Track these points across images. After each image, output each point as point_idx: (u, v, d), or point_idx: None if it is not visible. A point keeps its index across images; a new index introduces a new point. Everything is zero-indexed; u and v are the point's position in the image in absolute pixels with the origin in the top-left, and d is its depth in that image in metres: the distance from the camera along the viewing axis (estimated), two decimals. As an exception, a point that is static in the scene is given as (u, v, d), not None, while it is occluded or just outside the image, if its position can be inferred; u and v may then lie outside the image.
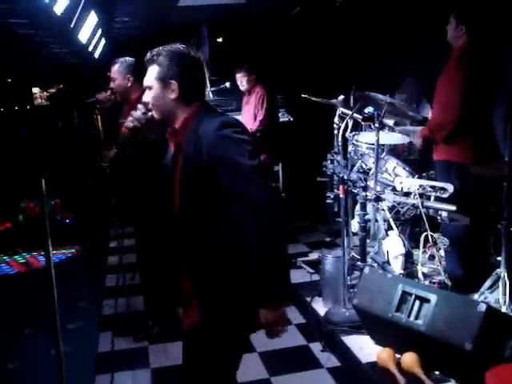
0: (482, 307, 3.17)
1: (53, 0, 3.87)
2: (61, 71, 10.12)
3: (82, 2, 4.90)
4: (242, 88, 6.47)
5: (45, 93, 11.27)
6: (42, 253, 2.72)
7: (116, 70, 4.30)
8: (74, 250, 6.50)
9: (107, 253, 6.34)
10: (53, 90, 11.29)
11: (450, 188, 3.98)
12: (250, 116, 6.30)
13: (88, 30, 6.33)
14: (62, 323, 2.80)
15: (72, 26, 5.15)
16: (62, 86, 11.13)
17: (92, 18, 6.07)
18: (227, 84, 7.16)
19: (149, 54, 2.38)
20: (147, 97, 2.41)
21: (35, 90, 10.98)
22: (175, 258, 2.54)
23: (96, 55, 8.39)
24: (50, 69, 8.84)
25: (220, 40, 8.81)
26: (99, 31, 7.25)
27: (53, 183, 5.94)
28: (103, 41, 8.28)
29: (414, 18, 6.11)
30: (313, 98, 5.35)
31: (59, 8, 4.13)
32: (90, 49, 7.51)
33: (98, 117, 4.60)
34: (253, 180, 2.19)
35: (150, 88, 2.39)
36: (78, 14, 5.04)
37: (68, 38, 5.99)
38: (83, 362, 4.04)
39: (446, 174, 4.36)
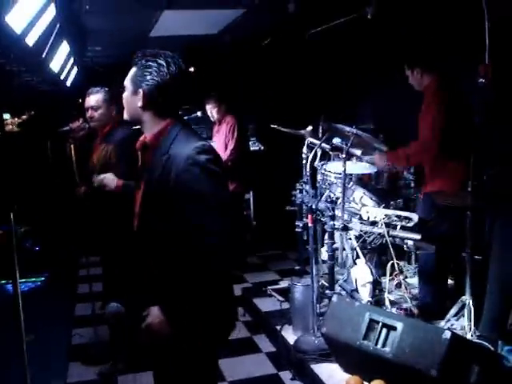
0: (447, 334, 3.24)
1: (25, 32, 3.90)
2: (32, 98, 10.09)
3: (54, 33, 4.93)
4: (212, 118, 6.54)
5: (16, 119, 11.19)
6: (10, 281, 2.72)
7: (100, 98, 4.19)
8: (42, 278, 6.44)
9: (77, 281, 6.30)
10: (24, 117, 11.23)
11: (415, 217, 4.08)
12: (220, 145, 6.36)
13: (60, 59, 6.34)
14: (30, 353, 2.79)
15: (44, 55, 5.17)
16: (32, 112, 11.08)
17: (64, 48, 6.09)
18: (198, 113, 7.24)
19: (138, 53, 2.37)
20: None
21: (6, 116, 10.91)
22: (139, 280, 2.48)
23: (68, 83, 8.40)
24: (21, 96, 8.80)
25: (191, 70, 8.88)
26: (71, 60, 7.27)
27: (22, 211, 5.93)
28: (75, 69, 8.30)
29: (384, 50, 6.27)
30: (282, 129, 5.44)
31: (31, 39, 4.15)
32: (62, 77, 7.51)
33: (71, 146, 4.55)
34: (214, 216, 2.17)
35: (125, 87, 2.40)
36: (49, 44, 5.06)
37: (40, 68, 6.00)
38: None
39: (427, 206, 4.48)
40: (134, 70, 2.36)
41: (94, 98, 4.20)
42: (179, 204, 2.19)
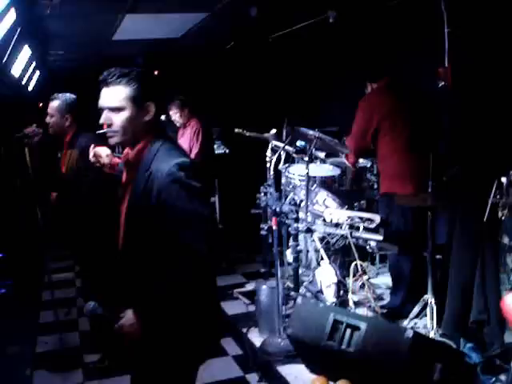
0: (410, 333, 3.29)
1: (-16, 37, 3.86)
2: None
3: (15, 37, 4.88)
4: (177, 124, 6.52)
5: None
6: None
7: (55, 106, 4.15)
8: (6, 286, 6.34)
9: (41, 288, 6.23)
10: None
11: (377, 218, 4.14)
12: (185, 149, 6.32)
13: (21, 64, 6.28)
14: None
15: (4, 61, 5.10)
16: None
17: (25, 52, 6.03)
18: (162, 117, 7.22)
19: (109, 74, 2.26)
20: (111, 119, 2.29)
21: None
22: (118, 284, 2.48)
23: (30, 88, 8.30)
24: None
25: (155, 73, 8.86)
26: (33, 64, 7.19)
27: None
28: (37, 73, 8.21)
29: (346, 53, 6.34)
30: (246, 134, 5.46)
31: (-10, 44, 4.12)
32: (24, 82, 7.43)
33: (26, 151, 4.47)
34: (195, 233, 2.15)
35: (118, 109, 2.27)
36: (10, 48, 5.01)
37: (0, 73, 5.92)
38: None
39: (388, 206, 4.56)
40: (120, 88, 2.26)
41: (51, 105, 4.18)
42: (161, 220, 2.18)
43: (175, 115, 6.44)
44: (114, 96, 2.27)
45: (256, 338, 4.57)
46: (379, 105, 4.50)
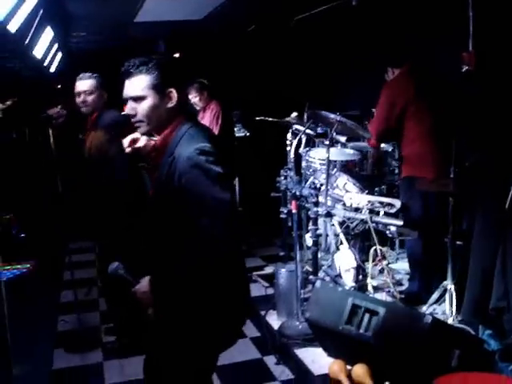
0: (428, 319, 3.28)
1: (7, 18, 3.86)
2: (15, 85, 10.00)
3: (37, 19, 4.89)
4: (196, 107, 6.50)
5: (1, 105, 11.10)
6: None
7: (94, 84, 4.15)
8: (28, 265, 6.42)
9: (63, 268, 6.30)
10: (8, 103, 11.13)
11: (397, 203, 4.12)
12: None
13: (43, 46, 6.29)
14: (15, 340, 2.80)
15: (27, 42, 5.12)
16: (15, 99, 10.99)
17: (48, 34, 6.04)
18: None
19: (130, 64, 2.29)
20: (135, 109, 2.31)
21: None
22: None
23: (52, 69, 8.34)
24: (3, 82, 8.72)
25: (177, 55, 8.85)
26: (55, 46, 7.22)
27: (7, 197, 5.90)
28: (59, 55, 8.24)
29: (369, 37, 6.28)
30: (267, 119, 5.44)
31: (13, 26, 4.12)
32: (46, 63, 7.46)
33: (50, 132, 4.47)
34: (214, 219, 2.14)
35: (141, 98, 2.29)
36: (33, 30, 5.02)
37: (23, 54, 5.95)
38: (37, 380, 4.03)
39: (409, 190, 4.53)
40: (142, 77, 2.28)
41: (87, 83, 4.16)
42: (182, 204, 2.19)
43: (195, 98, 6.41)
44: (136, 85, 2.29)
45: (274, 320, 4.60)
46: (402, 90, 4.46)
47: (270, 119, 5.45)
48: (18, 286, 5.27)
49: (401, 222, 4.06)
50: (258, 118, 5.43)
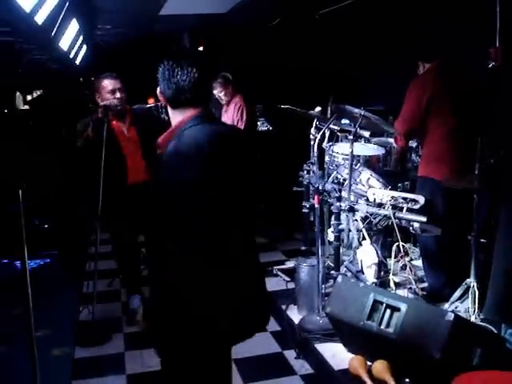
0: (450, 316, 3.26)
1: (34, 10, 3.90)
2: (42, 77, 10.10)
3: (64, 11, 4.93)
4: (221, 101, 6.52)
5: (28, 97, 11.23)
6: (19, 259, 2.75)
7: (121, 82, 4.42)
8: (50, 256, 6.48)
9: (86, 258, 6.36)
10: (37, 93, 11.25)
11: (421, 200, 4.08)
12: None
13: (69, 38, 6.35)
14: (38, 329, 2.83)
15: (53, 34, 5.17)
16: (42, 91, 11.12)
17: (73, 26, 6.09)
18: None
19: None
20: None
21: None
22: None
23: (77, 62, 8.41)
24: (30, 74, 8.82)
25: (201, 49, 8.86)
26: (80, 38, 7.28)
27: (32, 188, 5.95)
28: (85, 48, 8.31)
29: (395, 31, 6.23)
30: (291, 108, 5.42)
31: (40, 17, 4.15)
32: (71, 55, 7.52)
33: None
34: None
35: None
36: (59, 22, 5.07)
37: (49, 46, 6.00)
38: (60, 369, 4.08)
39: (423, 190, 4.48)
40: None
41: (119, 81, 4.41)
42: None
43: (220, 93, 6.43)
44: None
45: (295, 315, 4.59)
46: (429, 87, 4.37)
47: (295, 109, 5.41)
48: (42, 276, 5.34)
49: (424, 219, 4.02)
50: (283, 106, 5.39)
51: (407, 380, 3.49)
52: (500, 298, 3.85)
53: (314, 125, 5.17)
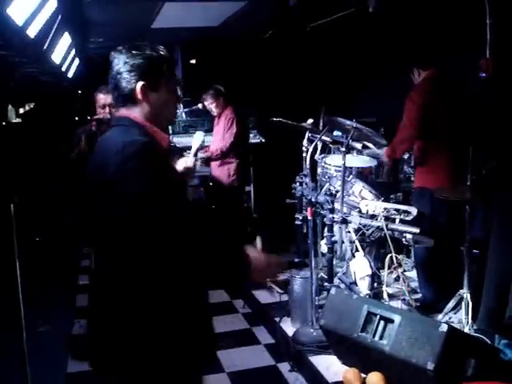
0: (444, 328, 3.24)
1: (26, 23, 3.91)
2: (34, 89, 10.09)
3: (56, 25, 4.94)
4: (212, 113, 6.55)
5: (21, 110, 11.21)
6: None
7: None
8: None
9: (77, 272, 6.33)
10: (28, 108, 11.23)
11: (414, 211, 4.10)
12: (220, 137, 6.38)
13: (62, 51, 6.36)
14: (30, 342, 2.81)
15: (45, 47, 5.18)
16: (34, 104, 11.09)
17: (66, 39, 6.10)
18: (199, 105, 7.23)
19: None
20: None
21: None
22: None
23: (69, 75, 8.42)
24: (22, 87, 8.82)
25: (193, 61, 8.89)
26: (73, 51, 7.28)
27: (23, 202, 5.92)
28: (77, 61, 8.32)
29: (386, 43, 6.27)
30: (283, 121, 5.43)
31: (33, 31, 4.16)
32: (64, 69, 7.53)
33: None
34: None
35: None
36: (51, 35, 5.08)
37: (41, 59, 6.01)
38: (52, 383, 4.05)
39: (420, 200, 4.50)
40: None
41: (110, 97, 4.24)
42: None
43: (210, 105, 6.46)
44: None
45: (288, 327, 4.58)
46: (427, 97, 4.41)
47: (285, 121, 5.42)
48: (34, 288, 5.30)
49: (417, 230, 4.03)
50: (275, 119, 5.39)
51: (401, 392, 3.48)
52: (493, 309, 3.86)
53: (307, 137, 5.18)
